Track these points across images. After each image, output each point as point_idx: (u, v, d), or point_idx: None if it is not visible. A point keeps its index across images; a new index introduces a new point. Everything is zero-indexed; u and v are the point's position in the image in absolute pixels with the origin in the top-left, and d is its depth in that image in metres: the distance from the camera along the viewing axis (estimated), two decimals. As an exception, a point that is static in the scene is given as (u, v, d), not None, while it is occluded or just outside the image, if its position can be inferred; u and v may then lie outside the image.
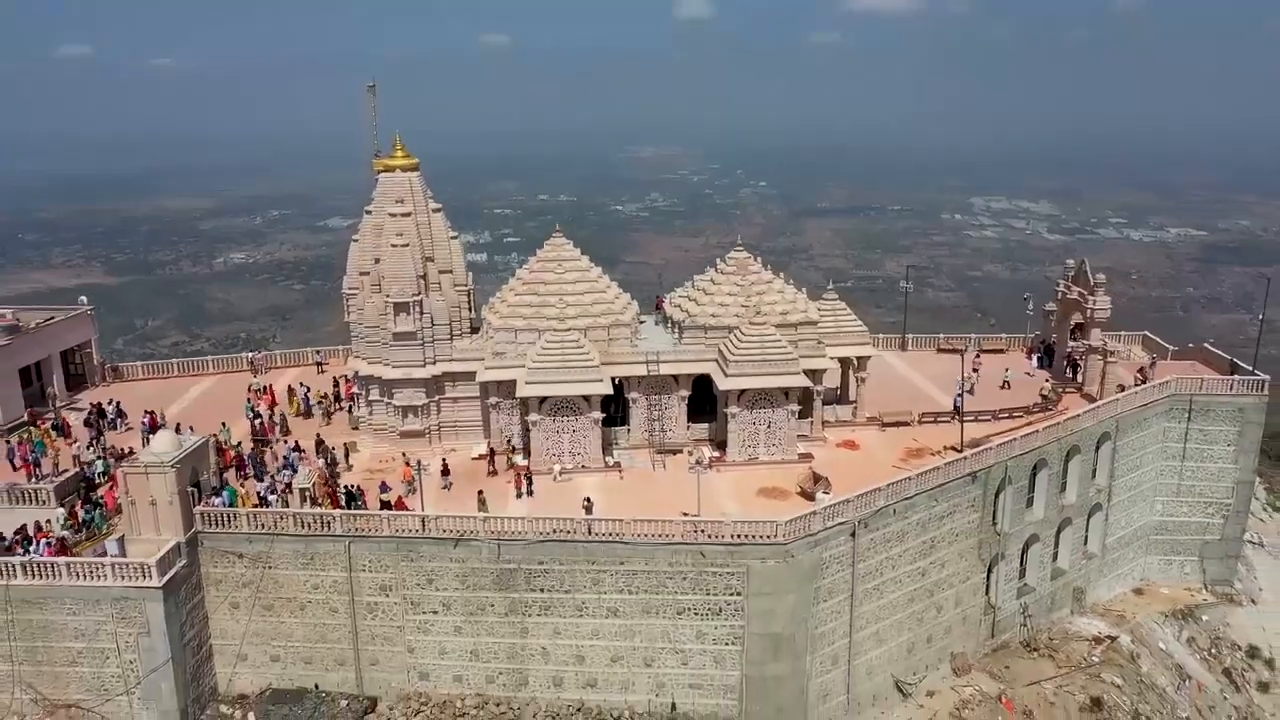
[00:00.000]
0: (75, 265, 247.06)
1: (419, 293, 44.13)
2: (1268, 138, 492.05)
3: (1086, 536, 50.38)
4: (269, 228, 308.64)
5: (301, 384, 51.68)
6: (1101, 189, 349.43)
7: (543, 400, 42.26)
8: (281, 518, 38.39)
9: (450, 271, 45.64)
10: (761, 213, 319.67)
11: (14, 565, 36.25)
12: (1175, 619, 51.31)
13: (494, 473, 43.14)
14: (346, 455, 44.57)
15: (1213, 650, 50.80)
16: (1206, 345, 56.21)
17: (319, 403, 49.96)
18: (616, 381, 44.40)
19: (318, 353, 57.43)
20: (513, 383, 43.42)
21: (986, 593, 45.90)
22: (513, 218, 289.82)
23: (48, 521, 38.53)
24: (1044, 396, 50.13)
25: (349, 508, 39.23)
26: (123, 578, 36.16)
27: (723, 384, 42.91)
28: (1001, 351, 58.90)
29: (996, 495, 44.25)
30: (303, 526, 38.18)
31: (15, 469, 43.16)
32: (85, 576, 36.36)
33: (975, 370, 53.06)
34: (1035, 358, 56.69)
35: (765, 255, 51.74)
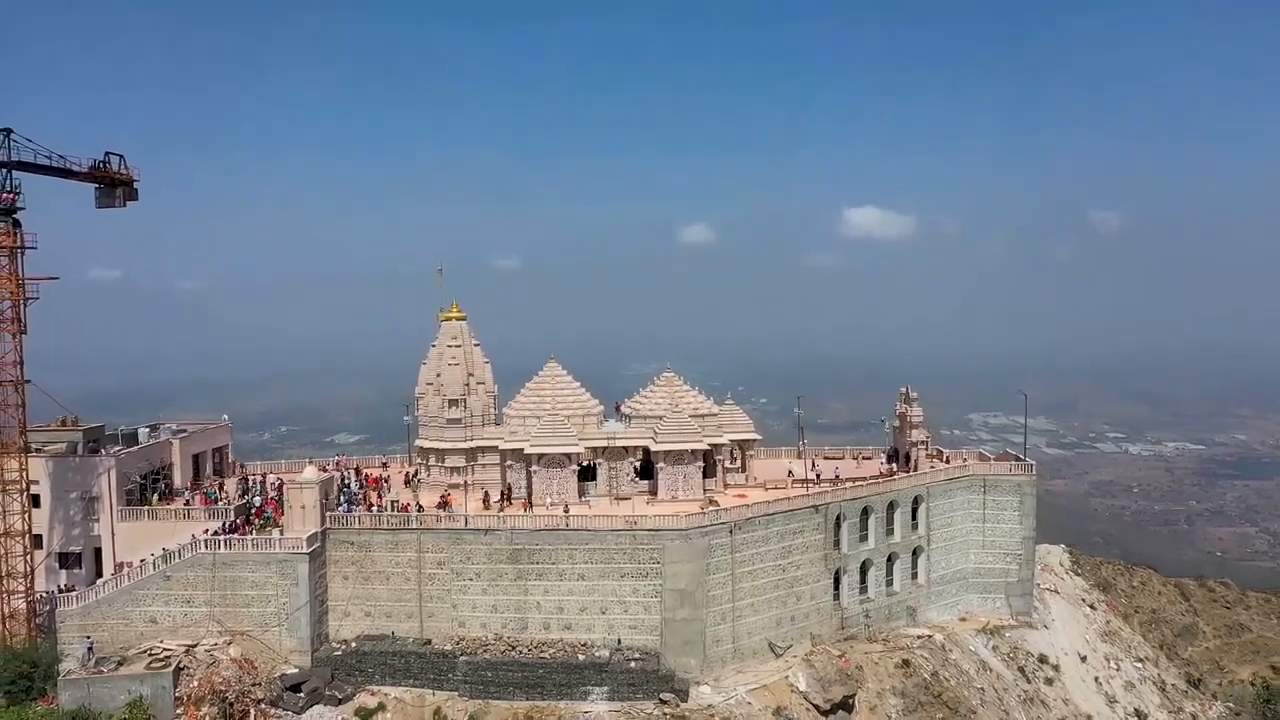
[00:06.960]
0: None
1: (464, 394, 76.47)
2: (1257, 351, 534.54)
3: (915, 571, 79.51)
4: (277, 443, 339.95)
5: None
6: (1096, 402, 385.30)
7: (540, 456, 73.40)
8: (380, 519, 68.83)
9: (483, 383, 78.35)
10: (763, 428, 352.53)
11: (220, 541, 66.53)
12: (985, 633, 79.39)
13: (504, 507, 73.01)
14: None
15: (1011, 654, 78.59)
16: (1007, 450, 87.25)
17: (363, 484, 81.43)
18: (588, 460, 75.45)
19: (382, 455, 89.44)
20: (522, 450, 74.60)
21: (836, 597, 74.70)
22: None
23: (213, 529, 69.27)
24: (879, 473, 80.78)
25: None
26: (285, 548, 66.26)
27: (655, 447, 74.32)
28: (870, 458, 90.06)
29: (837, 526, 74.14)
30: (392, 524, 68.45)
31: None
32: (263, 547, 66.48)
33: (835, 468, 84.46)
34: (886, 456, 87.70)
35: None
